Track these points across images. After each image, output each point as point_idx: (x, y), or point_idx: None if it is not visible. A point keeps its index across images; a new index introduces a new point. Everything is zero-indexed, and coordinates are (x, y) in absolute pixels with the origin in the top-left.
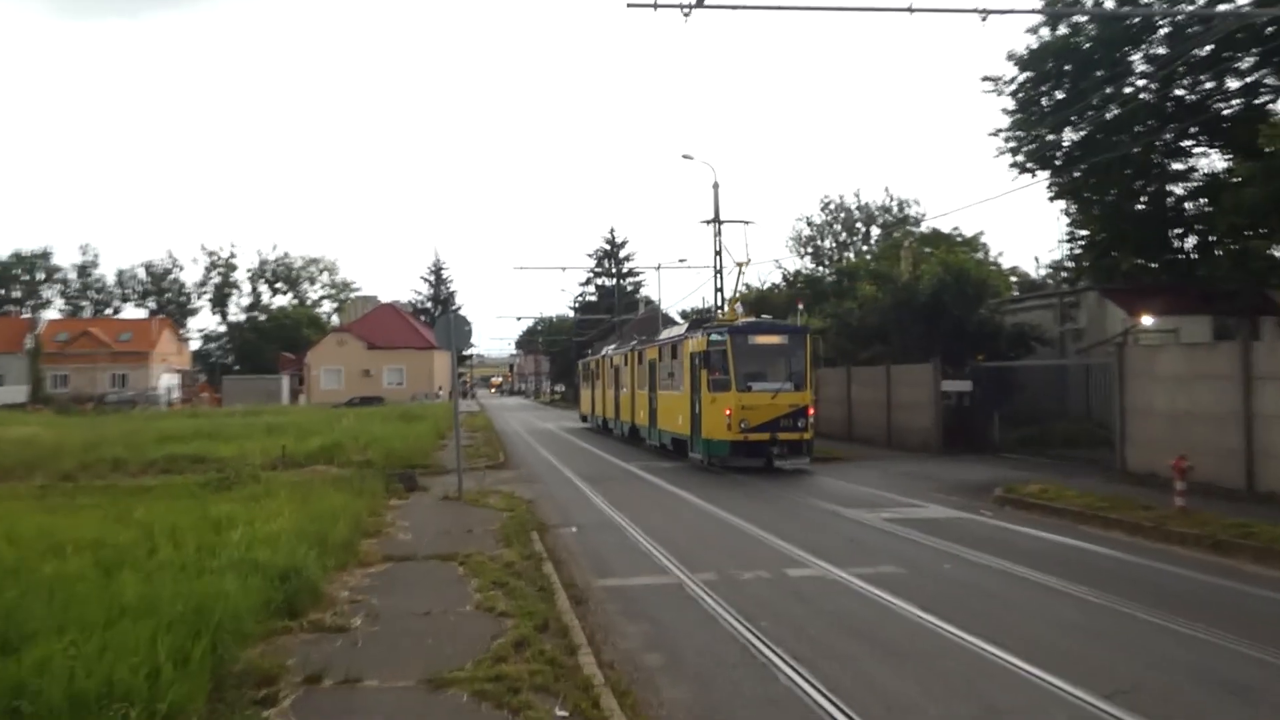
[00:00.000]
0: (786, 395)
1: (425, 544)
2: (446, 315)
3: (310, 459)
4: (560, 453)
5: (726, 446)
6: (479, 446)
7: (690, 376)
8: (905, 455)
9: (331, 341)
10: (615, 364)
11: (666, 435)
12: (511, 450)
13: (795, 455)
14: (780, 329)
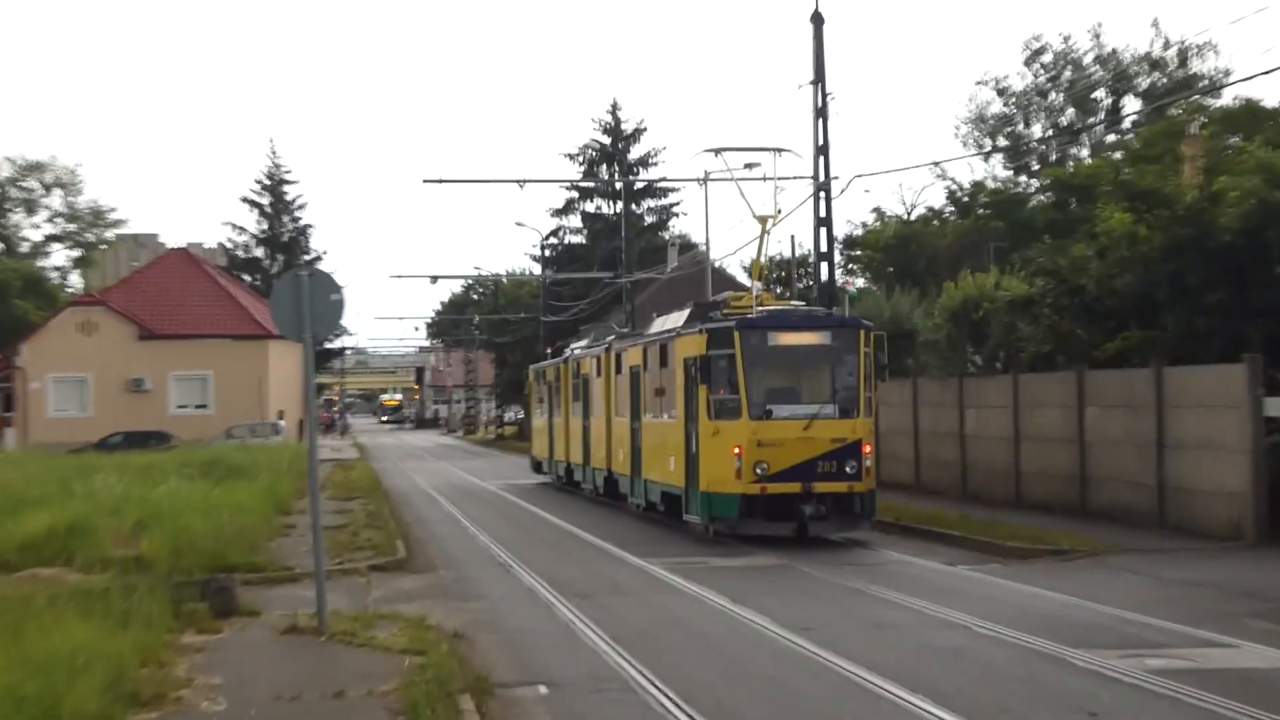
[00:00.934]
0: (827, 424)
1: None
2: (294, 274)
3: (24, 555)
4: (503, 531)
5: (735, 504)
6: (358, 527)
7: (684, 395)
8: (1192, 543)
9: (67, 323)
10: (584, 373)
11: (654, 488)
12: (420, 532)
13: (842, 517)
14: (819, 321)
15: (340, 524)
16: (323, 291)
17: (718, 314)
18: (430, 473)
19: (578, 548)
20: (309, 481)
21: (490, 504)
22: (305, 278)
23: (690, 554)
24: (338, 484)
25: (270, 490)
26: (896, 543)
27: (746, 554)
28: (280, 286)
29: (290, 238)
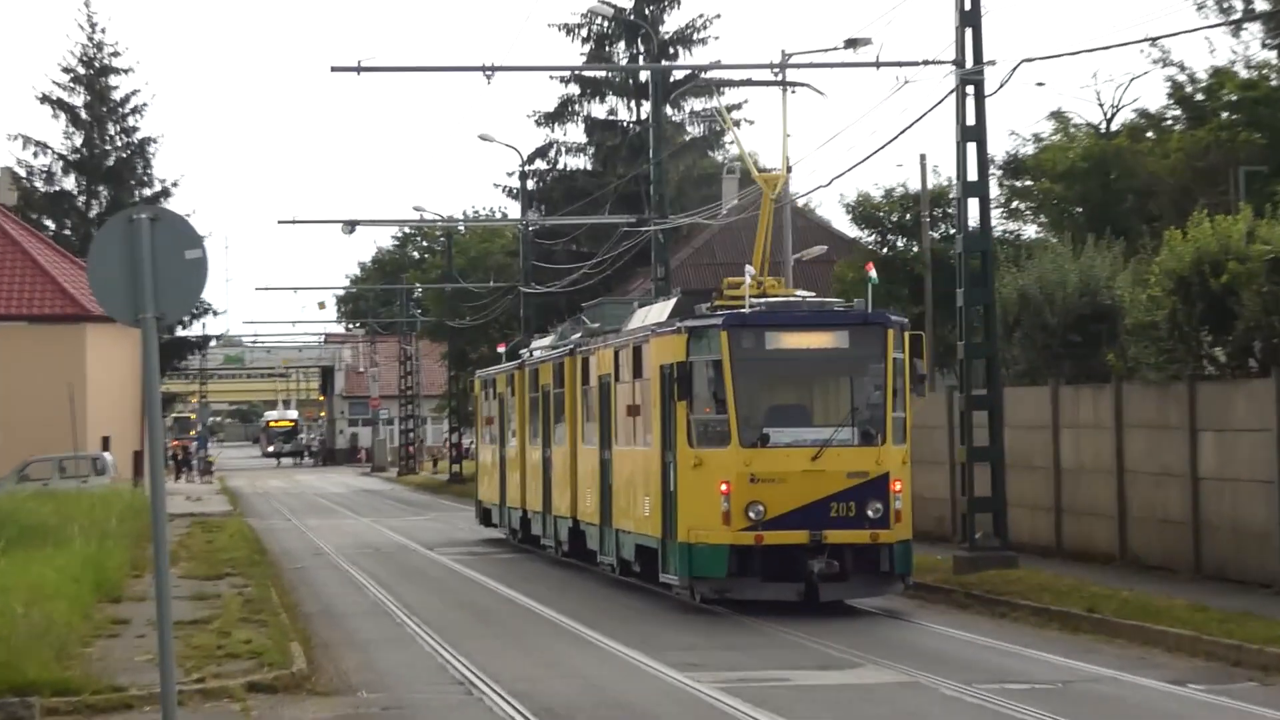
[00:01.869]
0: (843, 454)
1: None
2: (126, 219)
3: None
4: (458, 624)
5: (722, 558)
6: (231, 622)
7: (661, 415)
8: None
9: None
10: (543, 384)
11: (626, 541)
12: (331, 630)
13: (865, 577)
14: (833, 318)
15: (203, 617)
16: (173, 246)
17: (704, 307)
18: (345, 535)
19: (573, 647)
20: (153, 550)
21: (439, 583)
22: (145, 224)
23: (760, 662)
24: (199, 553)
25: (91, 564)
26: (1098, 645)
27: (845, 659)
28: (104, 238)
29: (120, 160)
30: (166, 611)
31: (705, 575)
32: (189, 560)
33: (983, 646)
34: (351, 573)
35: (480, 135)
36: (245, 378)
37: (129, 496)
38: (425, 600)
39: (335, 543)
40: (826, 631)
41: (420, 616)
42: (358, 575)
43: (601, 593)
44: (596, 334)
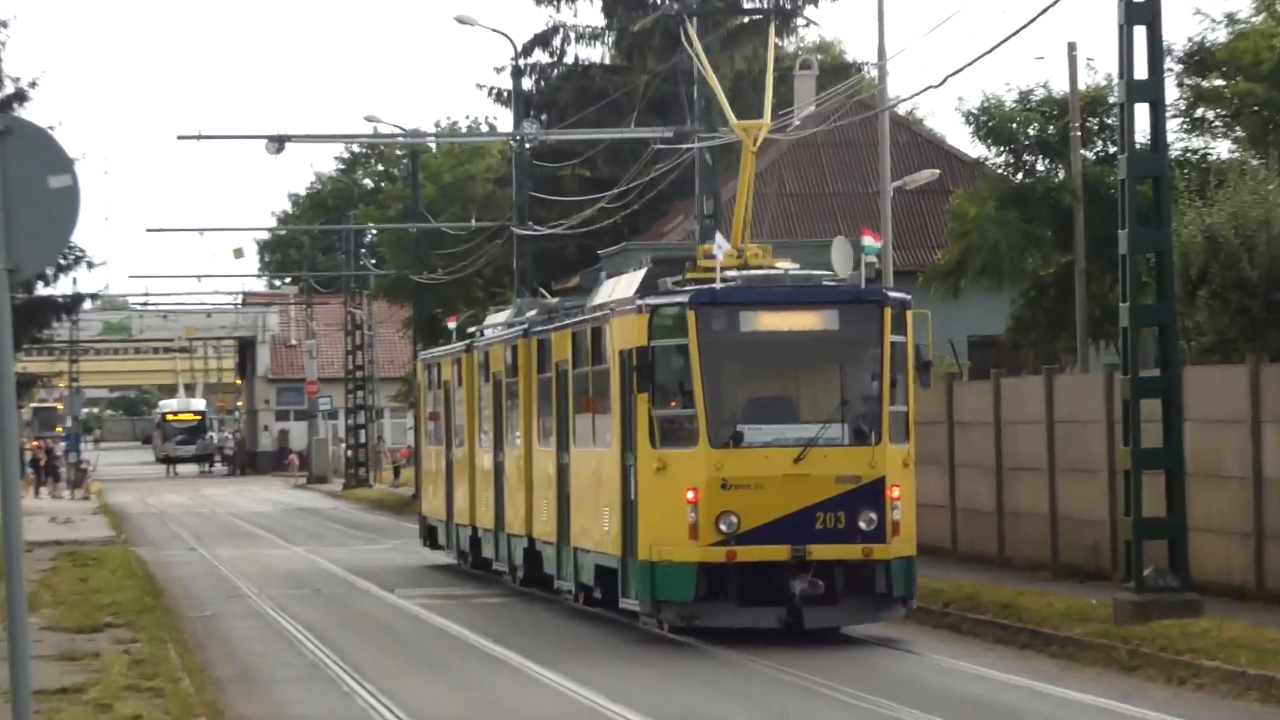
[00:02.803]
0: (831, 455)
1: None
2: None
3: None
4: (426, 692)
5: (690, 579)
6: (111, 692)
7: (621, 410)
8: None
9: None
10: (494, 372)
11: (586, 561)
12: (243, 691)
13: (858, 600)
14: (821, 294)
15: (75, 684)
16: (30, 170)
17: (671, 281)
18: (272, 572)
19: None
20: (5, 592)
21: (402, 639)
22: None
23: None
24: (69, 596)
25: None
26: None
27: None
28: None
29: None
30: (23, 677)
31: (670, 599)
32: (55, 606)
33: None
34: (281, 623)
35: (457, 17)
36: (133, 354)
37: None
38: (382, 662)
39: (258, 581)
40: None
41: (377, 685)
42: (289, 626)
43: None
44: (556, 312)
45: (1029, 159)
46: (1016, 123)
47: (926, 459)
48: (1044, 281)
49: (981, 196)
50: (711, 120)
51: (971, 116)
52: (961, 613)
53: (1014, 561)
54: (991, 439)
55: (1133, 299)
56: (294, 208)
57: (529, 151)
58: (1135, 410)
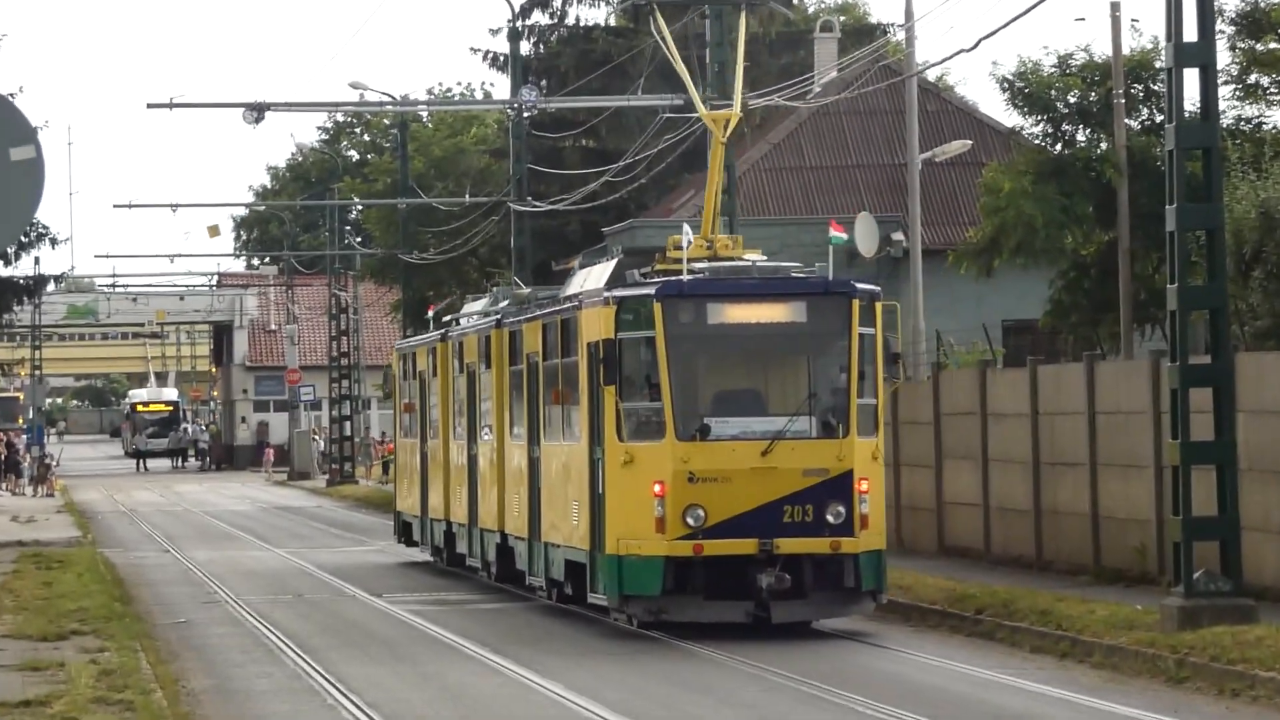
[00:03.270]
0: (799, 447)
1: None
2: None
3: None
4: (396, 696)
5: (657, 573)
6: (78, 707)
7: (590, 403)
8: None
9: None
10: (468, 363)
11: (556, 557)
12: (220, 705)
13: (828, 593)
14: (788, 286)
15: (39, 696)
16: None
17: (639, 273)
18: (251, 575)
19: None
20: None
21: (390, 647)
22: None
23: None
24: (32, 602)
25: None
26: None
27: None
28: None
29: None
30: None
31: (638, 594)
32: (17, 611)
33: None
34: (261, 631)
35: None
36: (100, 339)
37: None
38: (370, 674)
39: (236, 586)
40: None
41: (364, 697)
42: (270, 635)
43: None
44: (528, 302)
45: (1068, 129)
46: (1055, 89)
47: (958, 453)
48: (1084, 261)
49: (1017, 169)
50: (724, 87)
51: (1006, 83)
52: (996, 619)
53: (1053, 564)
54: (1028, 431)
55: (1181, 280)
56: (273, 182)
57: (528, 121)
58: (1184, 400)
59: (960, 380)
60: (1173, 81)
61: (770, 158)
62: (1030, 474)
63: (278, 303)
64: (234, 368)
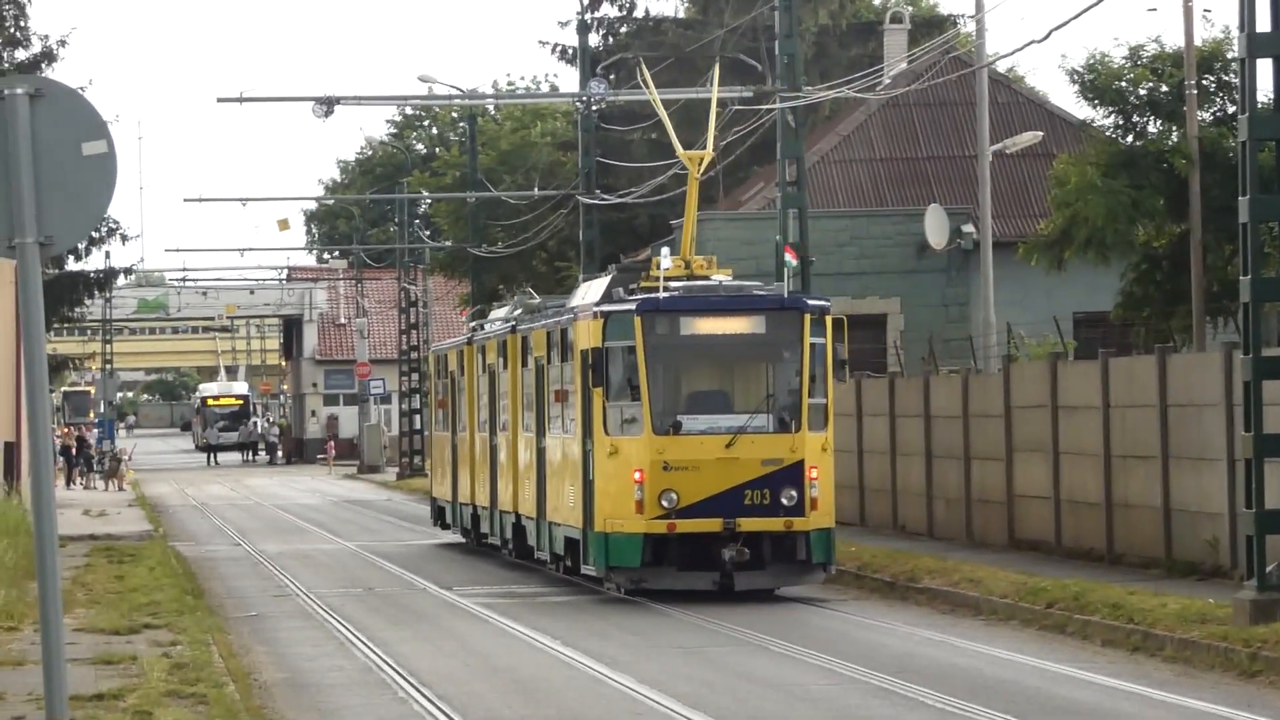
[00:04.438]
0: (757, 441)
1: None
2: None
3: None
4: (469, 689)
5: (638, 547)
6: (150, 699)
7: (582, 402)
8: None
9: None
10: (489, 364)
11: (558, 534)
12: (292, 698)
13: (783, 565)
14: (749, 303)
15: (112, 689)
16: (63, 135)
17: (621, 291)
18: (322, 568)
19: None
20: (37, 590)
21: (460, 639)
22: (20, 101)
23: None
24: (105, 595)
25: None
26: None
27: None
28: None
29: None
30: (58, 682)
31: (621, 565)
32: (90, 605)
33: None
34: (332, 624)
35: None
36: (170, 333)
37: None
38: (441, 667)
39: (306, 579)
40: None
41: (435, 690)
42: (341, 627)
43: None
44: (538, 311)
45: (1139, 120)
46: (1125, 81)
47: (1028, 446)
48: (1156, 253)
49: (1086, 161)
50: (794, 79)
51: (1077, 74)
52: (1067, 613)
53: (1124, 558)
54: (1099, 424)
55: (1254, 272)
56: (343, 176)
57: (596, 113)
58: (1257, 392)
59: (1031, 373)
60: (1246, 72)
61: (840, 149)
62: (1101, 467)
63: (347, 296)
64: (304, 361)
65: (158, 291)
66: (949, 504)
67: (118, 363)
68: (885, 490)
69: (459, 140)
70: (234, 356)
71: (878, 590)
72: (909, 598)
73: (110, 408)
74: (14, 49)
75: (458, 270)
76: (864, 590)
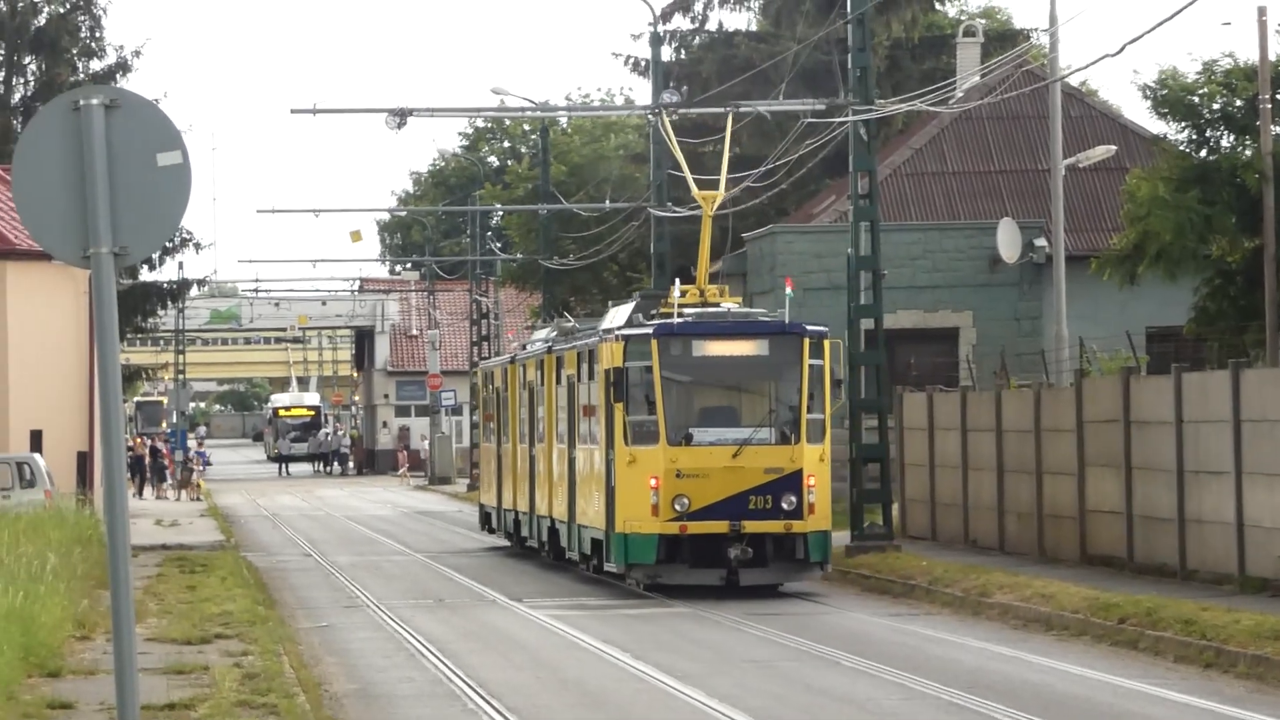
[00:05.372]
0: (760, 451)
1: None
2: (69, 104)
3: None
4: (536, 701)
5: (652, 546)
6: (221, 710)
7: (605, 416)
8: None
9: None
10: (529, 381)
11: (585, 535)
12: (363, 708)
13: (784, 563)
14: (754, 328)
15: (183, 699)
16: (138, 146)
17: (640, 316)
18: (393, 580)
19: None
20: (110, 600)
21: (530, 653)
22: (97, 112)
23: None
24: (177, 606)
25: (16, 620)
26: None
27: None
28: (36, 135)
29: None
30: (130, 692)
31: (638, 562)
32: (162, 615)
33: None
34: (402, 635)
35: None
36: (242, 344)
37: (71, 520)
38: (510, 679)
39: (377, 590)
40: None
41: (505, 702)
42: (411, 639)
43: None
44: (570, 334)
45: (1212, 135)
46: (1199, 96)
47: (1100, 461)
48: (1230, 268)
49: (1158, 176)
50: (867, 92)
51: (1149, 89)
52: (1139, 628)
53: (1196, 573)
54: (1172, 439)
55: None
56: (415, 187)
57: (671, 120)
58: None
59: (1103, 387)
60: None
61: (912, 162)
62: (1174, 482)
63: (419, 308)
64: (375, 372)
65: (230, 302)
66: (1021, 519)
67: (190, 373)
68: (957, 505)
69: (530, 152)
70: (306, 367)
71: (949, 605)
72: (980, 612)
73: (182, 418)
74: (89, 59)
75: (529, 282)
76: (935, 605)
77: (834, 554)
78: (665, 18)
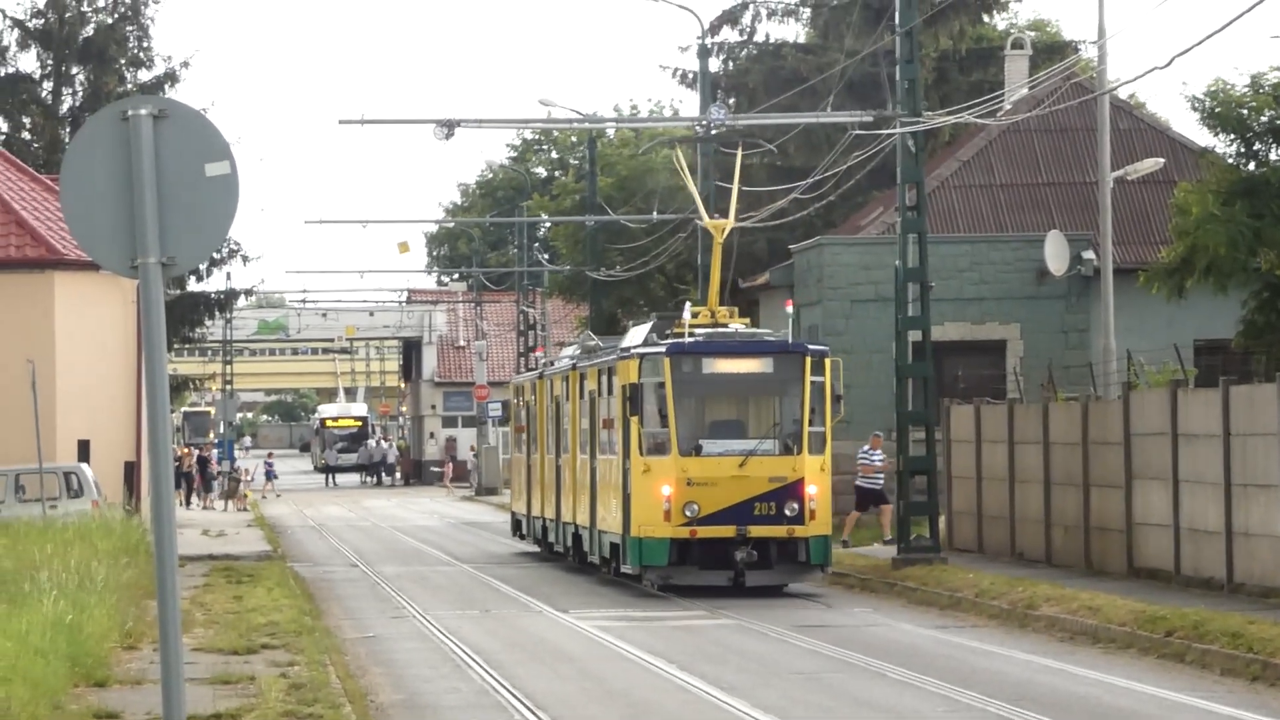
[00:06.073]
0: (765, 462)
1: None
2: (117, 114)
3: None
4: (584, 713)
5: (665, 550)
6: (268, 711)
7: (622, 428)
8: None
9: None
10: (556, 395)
11: (605, 540)
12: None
13: (787, 566)
14: (759, 347)
15: (230, 709)
16: (187, 156)
17: (654, 335)
18: (440, 590)
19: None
20: (157, 610)
21: (577, 664)
22: (145, 122)
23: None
24: (223, 616)
25: (64, 630)
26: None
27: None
28: (85, 145)
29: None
30: (177, 701)
31: (652, 564)
32: (208, 625)
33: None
34: (449, 646)
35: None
36: (290, 355)
37: (119, 529)
38: (556, 690)
39: (423, 601)
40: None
41: (551, 713)
42: (457, 649)
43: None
44: (593, 351)
45: (1261, 147)
46: (1248, 109)
47: (1148, 474)
48: (1277, 282)
49: (1206, 189)
50: (915, 104)
51: (1198, 102)
52: (1186, 641)
53: (1244, 587)
54: (1219, 452)
55: None
56: (463, 198)
57: (716, 138)
58: None
59: (1151, 400)
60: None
61: (960, 175)
62: (1222, 495)
63: (466, 319)
64: (423, 383)
65: (278, 313)
66: (1067, 531)
67: (237, 383)
68: (1003, 517)
69: (578, 164)
70: (353, 378)
71: (996, 617)
72: (1027, 625)
73: (230, 428)
74: (137, 70)
75: (576, 293)
76: (982, 617)
77: (880, 566)
78: (714, 30)
